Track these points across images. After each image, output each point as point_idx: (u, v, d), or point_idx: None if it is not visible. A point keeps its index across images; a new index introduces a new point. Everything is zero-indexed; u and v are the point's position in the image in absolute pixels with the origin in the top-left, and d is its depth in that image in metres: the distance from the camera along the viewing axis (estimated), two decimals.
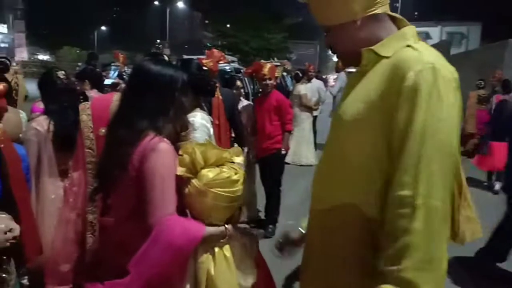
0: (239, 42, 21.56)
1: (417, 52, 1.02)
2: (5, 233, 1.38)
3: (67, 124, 2.24)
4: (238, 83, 4.77)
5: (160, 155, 1.34)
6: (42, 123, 2.22)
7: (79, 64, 18.03)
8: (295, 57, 24.87)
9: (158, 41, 52.93)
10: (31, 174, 2.17)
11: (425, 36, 32.03)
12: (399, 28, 1.12)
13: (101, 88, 3.91)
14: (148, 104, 1.42)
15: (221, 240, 1.38)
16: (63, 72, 2.45)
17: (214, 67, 3.55)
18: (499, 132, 5.37)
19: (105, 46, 36.14)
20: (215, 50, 3.98)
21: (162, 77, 1.45)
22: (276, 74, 4.46)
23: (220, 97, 3.59)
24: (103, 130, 1.93)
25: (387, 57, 1.06)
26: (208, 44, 29.16)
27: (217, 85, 3.37)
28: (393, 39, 1.08)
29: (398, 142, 0.95)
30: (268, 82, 4.21)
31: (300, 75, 7.30)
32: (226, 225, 1.37)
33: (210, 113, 3.14)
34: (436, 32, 32.24)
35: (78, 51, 33.88)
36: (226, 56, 9.55)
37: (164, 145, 1.37)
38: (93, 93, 3.49)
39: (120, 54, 7.15)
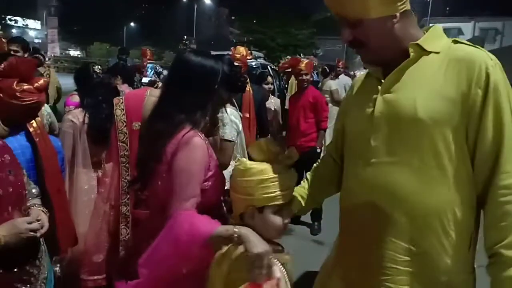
0: (265, 38, 21.55)
1: (474, 47, 1.10)
2: (30, 223, 1.38)
3: (102, 117, 2.29)
4: (269, 79, 4.74)
5: (192, 150, 1.34)
6: (78, 116, 2.28)
7: (109, 59, 18.49)
8: (321, 53, 24.65)
9: (185, 37, 53.52)
10: (66, 165, 2.24)
11: (457, 32, 31.07)
12: None
13: (132, 83, 3.98)
14: (187, 96, 1.41)
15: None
16: (99, 66, 2.52)
17: (244, 62, 3.55)
18: None
19: (134, 42, 36.80)
20: (240, 46, 3.99)
21: (202, 69, 1.43)
22: None
23: (251, 91, 3.59)
24: (137, 124, 1.97)
25: (436, 52, 1.11)
26: (234, 40, 29.27)
27: (247, 80, 3.38)
28: (433, 37, 1.14)
29: (494, 135, 1.06)
30: (304, 77, 4.11)
31: (328, 70, 7.21)
32: (235, 229, 1.16)
33: (240, 108, 3.15)
34: (469, 28, 31.23)
35: (108, 47, 34.76)
36: (252, 52, 9.56)
37: (197, 140, 1.36)
38: (124, 88, 3.56)
39: (147, 50, 7.26)
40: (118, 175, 2.04)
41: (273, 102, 4.63)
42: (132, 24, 50.39)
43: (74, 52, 41.64)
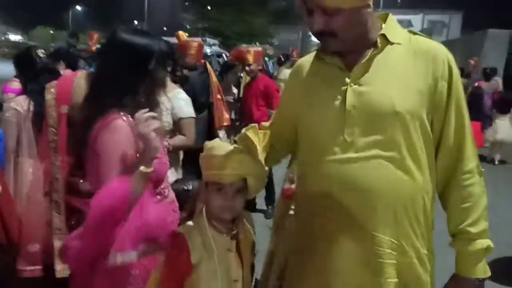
0: (220, 25, 21.24)
1: (429, 39, 1.17)
2: None
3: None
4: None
5: (112, 133, 1.32)
6: (22, 103, 2.15)
7: (52, 45, 17.39)
8: (277, 42, 24.72)
9: (136, 22, 51.65)
10: (8, 155, 2.12)
11: (408, 24, 32.36)
12: None
13: (76, 68, 3.80)
14: (117, 77, 1.36)
15: None
16: (42, 50, 2.36)
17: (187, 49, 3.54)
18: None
19: (81, 26, 34.94)
20: (180, 32, 4.00)
21: (133, 48, 1.37)
22: None
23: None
24: (65, 108, 1.90)
25: (398, 43, 1.13)
26: (188, 26, 28.59)
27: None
28: (392, 27, 1.17)
29: (457, 125, 1.15)
30: (248, 68, 4.20)
31: (283, 59, 7.27)
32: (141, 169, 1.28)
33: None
34: (418, 20, 32.65)
35: (52, 32, 32.73)
36: (207, 39, 9.39)
37: (119, 122, 1.33)
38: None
39: (95, 34, 6.92)
40: (49, 161, 1.96)
41: (234, 92, 4.68)
42: (78, 7, 47.78)
43: (14, 37, 38.79)
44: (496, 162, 7.10)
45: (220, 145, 1.27)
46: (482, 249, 1.15)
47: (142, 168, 1.28)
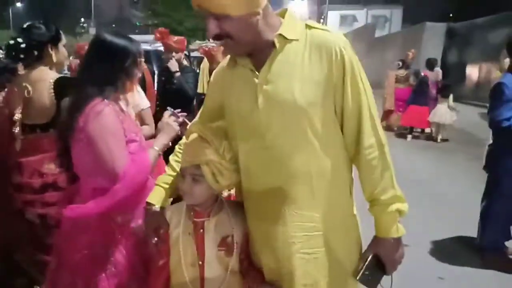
0: (172, 21, 20.86)
1: (325, 31, 1.26)
2: None
3: None
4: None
5: (101, 118, 1.50)
6: None
7: None
8: None
9: (83, 19, 49.46)
10: None
11: (352, 19, 33.54)
12: None
13: None
14: (100, 71, 1.57)
15: None
16: (1, 50, 2.36)
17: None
18: (417, 98, 8.09)
19: (22, 24, 32.94)
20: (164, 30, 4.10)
21: (115, 47, 1.61)
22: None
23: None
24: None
25: (296, 40, 1.23)
26: (138, 23, 27.80)
27: None
28: (289, 24, 1.25)
29: (354, 106, 1.26)
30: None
31: None
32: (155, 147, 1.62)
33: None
34: (362, 15, 33.87)
35: None
36: None
37: (106, 109, 1.52)
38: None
39: None
40: None
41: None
42: (18, 4, 44.99)
43: None
44: (439, 141, 8.02)
45: (191, 135, 1.41)
46: (393, 212, 1.29)
47: (157, 147, 1.59)
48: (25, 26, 2.20)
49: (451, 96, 7.89)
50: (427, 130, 8.51)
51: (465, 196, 4.55)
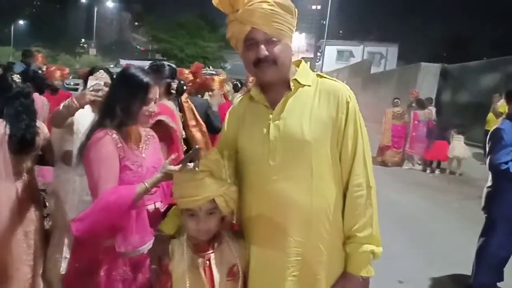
0: (173, 48, 21.22)
1: (334, 81, 1.44)
2: None
3: (23, 127, 2.26)
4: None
5: (95, 144, 1.60)
6: None
7: (16, 75, 16.42)
8: (229, 66, 25.09)
9: (83, 40, 50.02)
10: None
11: (349, 55, 34.39)
12: None
13: (43, 91, 3.81)
14: (108, 102, 1.72)
15: None
16: (18, 75, 2.44)
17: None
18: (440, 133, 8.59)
19: (23, 42, 33.22)
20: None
21: (127, 79, 1.72)
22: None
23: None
24: None
25: (308, 85, 1.41)
26: (137, 46, 28.20)
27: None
28: (303, 72, 1.45)
29: (351, 147, 1.40)
30: (211, 93, 4.39)
31: (239, 85, 7.49)
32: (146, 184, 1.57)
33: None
34: (359, 51, 34.74)
35: None
36: (164, 62, 9.47)
37: (100, 134, 1.61)
38: (35, 98, 3.40)
39: (39, 55, 6.77)
40: None
41: None
42: (20, 21, 45.55)
43: None
44: (457, 174, 8.16)
45: (187, 174, 1.41)
46: (367, 252, 1.37)
47: (147, 184, 1.57)
48: None
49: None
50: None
51: (458, 235, 4.62)
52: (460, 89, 12.94)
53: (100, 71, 2.49)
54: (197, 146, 1.49)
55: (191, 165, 1.41)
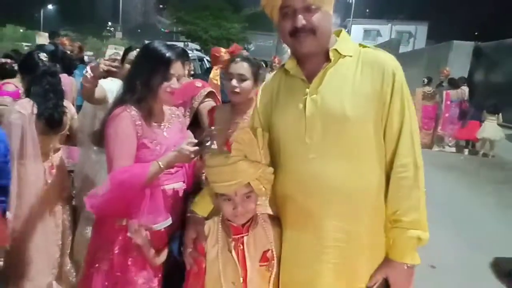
0: (198, 29, 21.20)
1: (380, 51, 1.32)
2: None
3: (50, 107, 2.26)
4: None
5: (113, 120, 1.58)
6: (26, 106, 2.22)
7: (26, 44, 16.85)
8: (253, 47, 24.93)
9: (110, 23, 50.60)
10: (12, 158, 2.15)
11: (376, 34, 33.35)
12: None
13: (72, 72, 3.82)
14: (129, 78, 1.69)
15: None
16: (45, 54, 2.43)
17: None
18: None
19: (52, 26, 33.88)
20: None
21: (147, 54, 1.68)
22: None
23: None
24: None
25: (350, 56, 1.29)
26: (162, 29, 28.32)
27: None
28: (344, 41, 1.33)
29: (397, 124, 1.28)
30: None
31: (264, 66, 7.42)
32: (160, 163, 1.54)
33: None
34: (386, 30, 33.60)
35: (22, 31, 31.65)
36: (189, 43, 9.44)
37: (118, 111, 1.59)
38: (63, 79, 3.41)
39: (65, 39, 6.87)
40: None
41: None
42: (50, 6, 46.39)
43: None
44: (490, 157, 8.07)
45: (219, 158, 1.34)
46: (413, 238, 1.26)
47: (161, 163, 1.53)
48: None
49: (500, 115, 7.93)
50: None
51: (491, 220, 4.45)
52: (494, 68, 12.33)
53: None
54: (212, 127, 1.44)
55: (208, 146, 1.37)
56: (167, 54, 1.64)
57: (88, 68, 2.05)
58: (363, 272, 1.32)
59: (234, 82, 2.06)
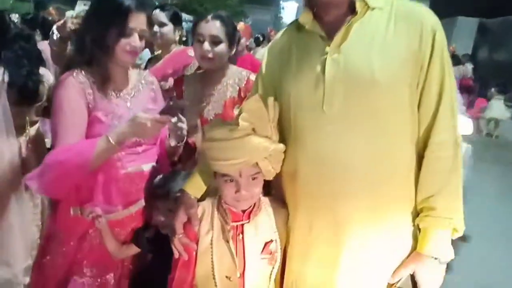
0: (192, 2, 20.67)
1: (418, 5, 1.10)
2: None
3: (24, 74, 2.02)
4: None
5: (57, 88, 1.37)
6: None
7: (14, 15, 16.28)
8: (250, 21, 24.47)
9: None
10: None
11: None
12: None
13: None
14: (78, 35, 1.48)
15: None
16: (16, 15, 2.16)
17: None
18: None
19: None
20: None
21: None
22: None
23: None
24: None
25: (380, 8, 1.05)
26: (156, 2, 27.65)
27: None
28: None
29: (436, 92, 1.08)
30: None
31: (261, 39, 7.19)
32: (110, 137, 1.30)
33: None
34: None
35: (11, 1, 30.82)
36: (183, 15, 9.09)
37: (68, 79, 1.36)
38: (44, 46, 3.14)
39: (51, 9, 6.53)
40: None
41: None
42: None
43: None
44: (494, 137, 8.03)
45: (222, 131, 1.13)
46: (448, 229, 1.09)
47: (111, 138, 1.26)
48: None
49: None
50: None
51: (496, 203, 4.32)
52: (500, 45, 12.09)
53: None
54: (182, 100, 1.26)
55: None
56: (126, 3, 1.33)
57: (54, 28, 1.77)
58: (386, 265, 1.12)
59: (206, 45, 1.72)
